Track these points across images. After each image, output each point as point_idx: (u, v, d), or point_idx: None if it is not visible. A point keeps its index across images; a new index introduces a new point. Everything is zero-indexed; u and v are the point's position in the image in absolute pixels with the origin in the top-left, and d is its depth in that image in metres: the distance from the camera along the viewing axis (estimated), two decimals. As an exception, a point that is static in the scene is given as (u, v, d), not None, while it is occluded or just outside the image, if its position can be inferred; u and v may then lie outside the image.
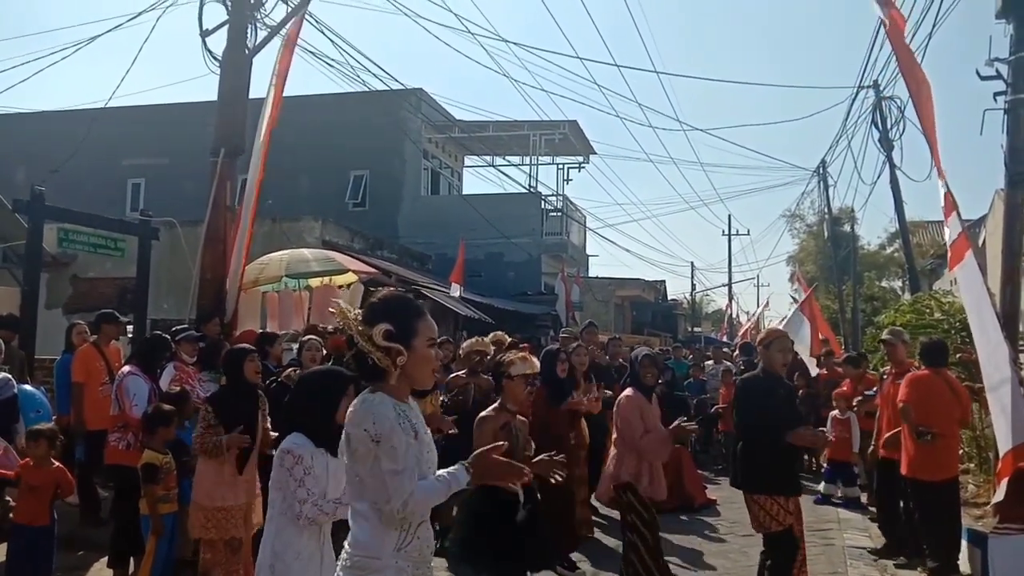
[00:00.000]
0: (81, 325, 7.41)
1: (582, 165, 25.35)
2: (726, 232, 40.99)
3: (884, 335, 7.39)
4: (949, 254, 5.81)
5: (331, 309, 2.62)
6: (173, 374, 5.93)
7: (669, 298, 38.10)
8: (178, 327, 6.71)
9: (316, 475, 3.28)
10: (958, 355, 7.98)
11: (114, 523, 5.64)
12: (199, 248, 8.24)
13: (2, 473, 5.18)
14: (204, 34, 8.42)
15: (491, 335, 8.43)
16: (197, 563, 4.71)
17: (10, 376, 6.47)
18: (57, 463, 5.03)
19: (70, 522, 6.16)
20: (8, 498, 5.88)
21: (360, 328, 2.45)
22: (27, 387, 6.72)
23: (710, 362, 13.61)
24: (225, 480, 4.65)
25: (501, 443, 2.60)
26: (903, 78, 6.88)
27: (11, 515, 5.24)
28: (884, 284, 39.40)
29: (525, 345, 8.63)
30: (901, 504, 6.47)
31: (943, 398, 5.87)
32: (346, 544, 2.48)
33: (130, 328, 9.07)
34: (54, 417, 6.47)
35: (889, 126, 15.65)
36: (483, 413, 4.37)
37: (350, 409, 2.46)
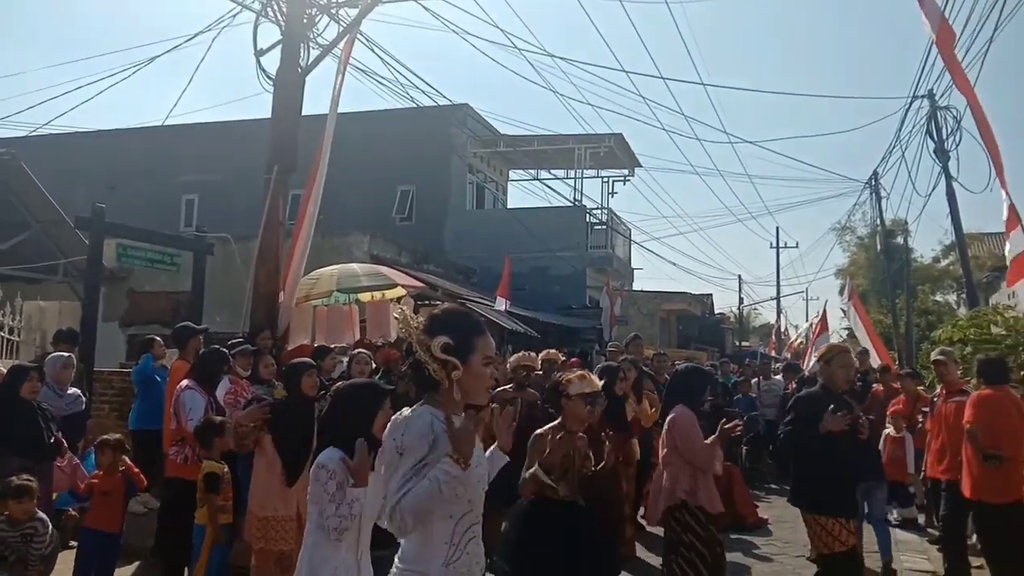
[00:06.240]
0: (160, 340, 7.57)
1: (627, 178, 25.29)
2: (774, 245, 40.37)
3: (935, 355, 7.14)
4: (1010, 268, 5.66)
5: (395, 315, 2.66)
6: (228, 387, 6.05)
7: (716, 312, 37.61)
8: (233, 340, 6.82)
9: (351, 489, 3.29)
10: (1023, 372, 7.71)
11: (165, 535, 5.73)
12: (252, 263, 8.39)
13: (81, 490, 5.32)
14: (259, 54, 8.60)
15: (543, 352, 8.41)
16: (247, 572, 4.78)
17: (80, 392, 6.67)
18: (123, 467, 5.17)
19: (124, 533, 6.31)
20: (71, 509, 6.05)
21: (420, 338, 2.49)
22: None
23: (758, 378, 13.36)
24: (275, 489, 4.72)
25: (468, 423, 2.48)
26: (958, 88, 6.74)
27: (78, 522, 5.39)
28: (939, 298, 38.38)
29: (575, 361, 8.58)
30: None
31: (1010, 418, 5.68)
32: (396, 558, 2.50)
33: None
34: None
35: (945, 136, 15.26)
36: (539, 431, 4.34)
37: (391, 419, 2.51)
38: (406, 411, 2.50)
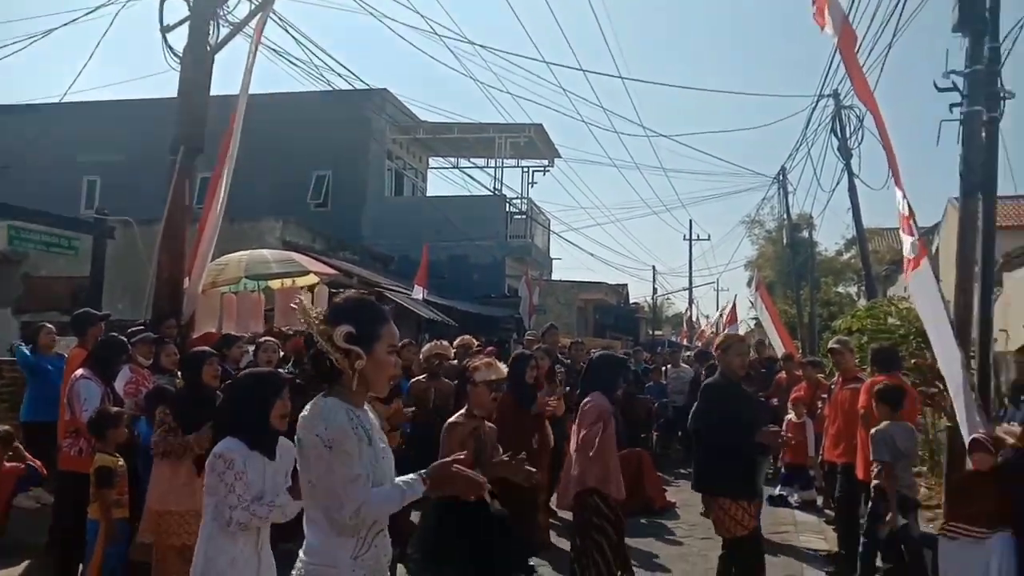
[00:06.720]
0: (49, 327, 7.17)
1: (547, 168, 25.44)
2: (687, 237, 41.45)
3: (831, 343, 7.48)
4: (908, 264, 5.92)
5: (293, 305, 2.58)
6: (128, 376, 5.80)
7: (631, 301, 38.33)
8: (134, 328, 6.55)
9: (249, 480, 3.23)
10: (913, 360, 8.13)
11: (58, 531, 5.46)
12: (156, 247, 8.07)
13: None
14: (165, 30, 8.24)
15: (458, 339, 8.38)
16: (149, 568, 4.61)
17: None
18: (10, 464, 4.89)
19: (14, 530, 5.98)
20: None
21: (321, 328, 2.41)
22: None
23: (668, 365, 13.67)
24: (180, 483, 4.57)
25: (462, 454, 2.57)
26: (857, 95, 7.00)
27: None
28: (840, 290, 40.09)
29: (491, 349, 8.59)
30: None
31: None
32: (301, 552, 2.44)
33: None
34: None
35: (848, 135, 15.90)
36: (451, 419, 4.32)
37: (302, 414, 2.41)
38: (312, 403, 2.43)
